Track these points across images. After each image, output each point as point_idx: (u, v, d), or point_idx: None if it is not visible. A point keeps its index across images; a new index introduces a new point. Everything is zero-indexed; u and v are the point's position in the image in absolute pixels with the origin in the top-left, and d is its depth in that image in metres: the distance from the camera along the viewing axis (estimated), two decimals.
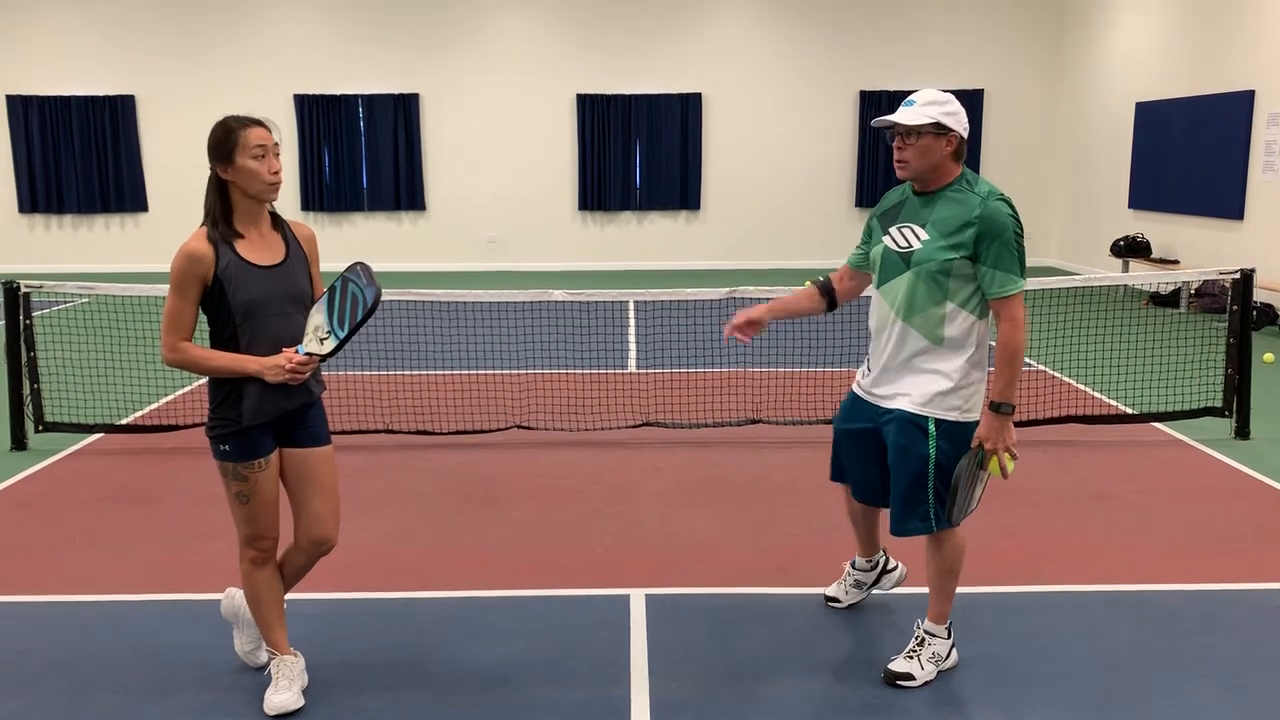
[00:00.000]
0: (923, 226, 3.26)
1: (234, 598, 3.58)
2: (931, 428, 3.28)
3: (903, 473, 3.33)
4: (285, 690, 3.31)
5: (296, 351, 3.06)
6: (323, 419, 3.33)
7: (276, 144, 3.10)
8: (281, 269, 3.14)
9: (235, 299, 3.05)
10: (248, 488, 3.17)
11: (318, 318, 3.08)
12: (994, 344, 3.30)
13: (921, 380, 3.29)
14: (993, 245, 3.14)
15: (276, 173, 3.07)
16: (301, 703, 3.32)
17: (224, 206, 3.09)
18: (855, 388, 3.58)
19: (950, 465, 3.29)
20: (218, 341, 3.13)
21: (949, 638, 3.53)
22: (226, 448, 3.14)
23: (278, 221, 3.23)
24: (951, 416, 3.29)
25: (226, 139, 3.03)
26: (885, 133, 3.31)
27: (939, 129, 3.20)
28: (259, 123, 3.08)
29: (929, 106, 3.22)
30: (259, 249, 3.12)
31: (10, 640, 3.91)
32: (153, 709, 3.34)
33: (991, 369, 3.32)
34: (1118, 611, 4.08)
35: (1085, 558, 4.63)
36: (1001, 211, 3.17)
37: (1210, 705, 3.38)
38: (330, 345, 3.04)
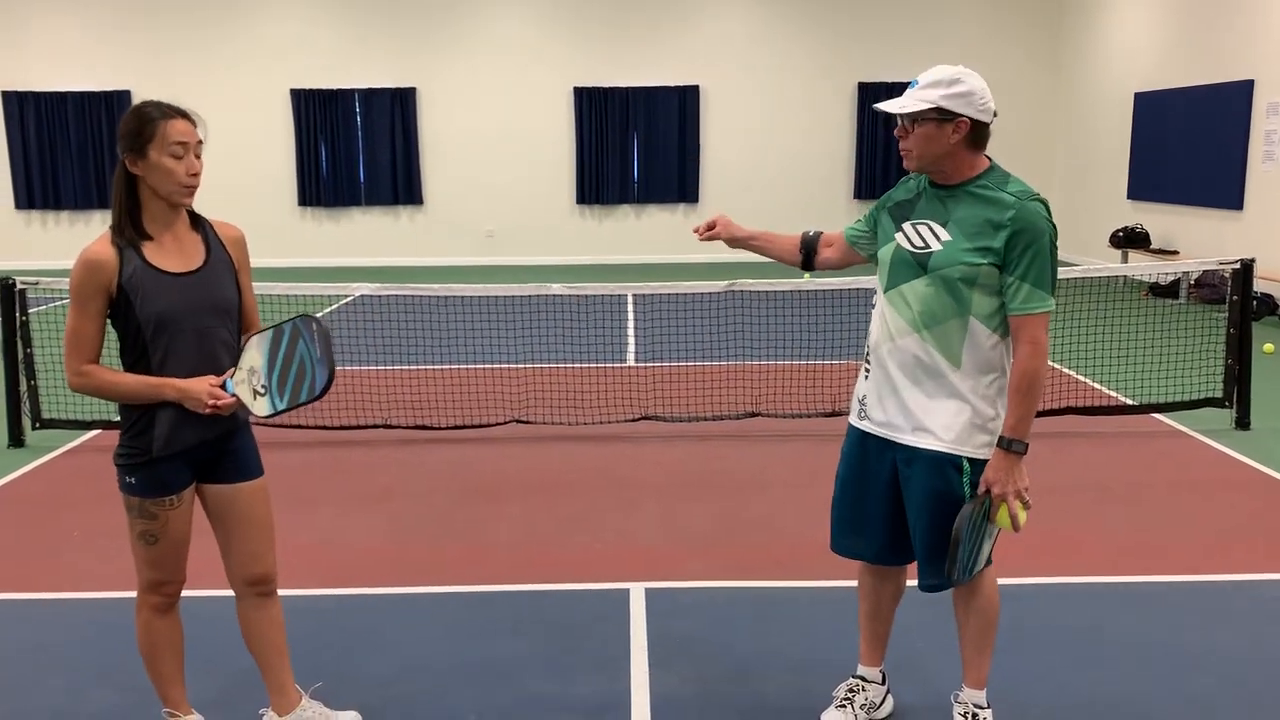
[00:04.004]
0: (943, 225, 2.78)
1: None
2: (966, 466, 2.80)
3: (934, 520, 2.83)
4: None
5: (224, 387, 2.70)
6: (252, 447, 2.93)
7: (200, 141, 2.70)
8: (199, 276, 2.74)
9: (143, 311, 2.65)
10: (155, 527, 2.77)
11: (255, 357, 2.71)
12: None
13: (945, 410, 2.79)
14: (1025, 253, 2.69)
15: (195, 174, 2.68)
16: None
17: (132, 204, 2.69)
18: (858, 423, 2.98)
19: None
20: (127, 360, 2.74)
21: (989, 706, 3.07)
22: (133, 480, 2.75)
23: (198, 222, 2.82)
24: (983, 455, 2.80)
25: (141, 129, 2.62)
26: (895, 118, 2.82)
27: (942, 115, 2.73)
28: (183, 114, 2.68)
29: (930, 89, 2.74)
30: (172, 253, 2.72)
31: (8, 638, 3.90)
32: (152, 708, 3.32)
33: None
34: (1117, 603, 4.07)
35: (1084, 549, 4.62)
36: (1038, 214, 2.73)
37: (1211, 697, 3.37)
38: (264, 409, 2.68)
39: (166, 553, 2.83)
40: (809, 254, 3.20)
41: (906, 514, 2.94)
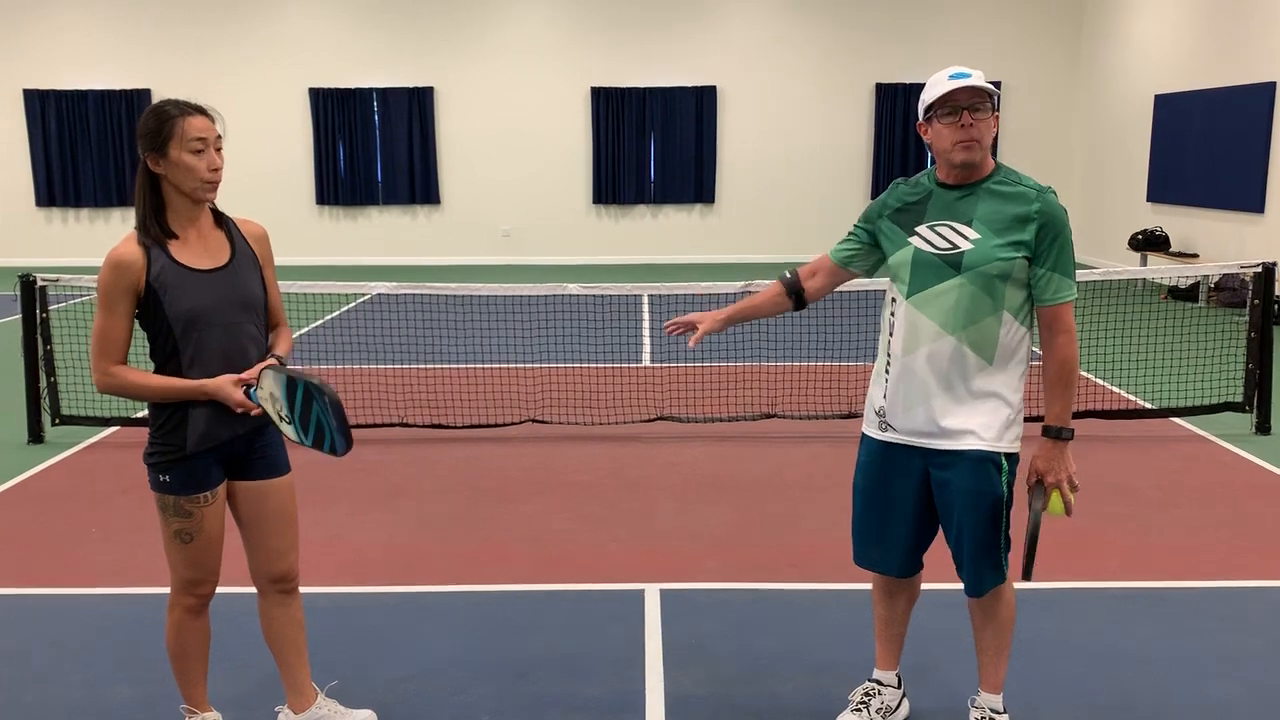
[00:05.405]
0: (967, 224, 2.77)
1: None
2: (1004, 463, 2.82)
3: (978, 521, 2.82)
4: None
5: (249, 394, 2.72)
6: (280, 443, 2.92)
7: (219, 136, 2.72)
8: (225, 272, 2.76)
9: (173, 309, 2.67)
10: (191, 525, 2.78)
11: (274, 387, 2.69)
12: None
13: (984, 409, 2.80)
14: (1054, 244, 2.75)
15: (216, 169, 2.70)
16: None
17: (156, 203, 2.71)
18: (880, 433, 2.93)
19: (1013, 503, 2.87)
20: (157, 358, 2.75)
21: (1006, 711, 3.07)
22: (167, 479, 2.75)
23: (221, 219, 2.84)
24: (1017, 449, 2.86)
25: (160, 128, 2.64)
26: (934, 114, 2.76)
27: (994, 105, 2.77)
28: (201, 111, 2.70)
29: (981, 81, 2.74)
30: (197, 251, 2.74)
31: (26, 632, 3.93)
32: (169, 702, 3.34)
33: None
34: (1136, 608, 4.05)
35: (1103, 554, 4.59)
36: (1057, 204, 2.78)
37: (1230, 703, 3.35)
38: (291, 435, 2.71)
39: (202, 551, 2.83)
40: (798, 296, 3.12)
41: (941, 521, 2.93)
